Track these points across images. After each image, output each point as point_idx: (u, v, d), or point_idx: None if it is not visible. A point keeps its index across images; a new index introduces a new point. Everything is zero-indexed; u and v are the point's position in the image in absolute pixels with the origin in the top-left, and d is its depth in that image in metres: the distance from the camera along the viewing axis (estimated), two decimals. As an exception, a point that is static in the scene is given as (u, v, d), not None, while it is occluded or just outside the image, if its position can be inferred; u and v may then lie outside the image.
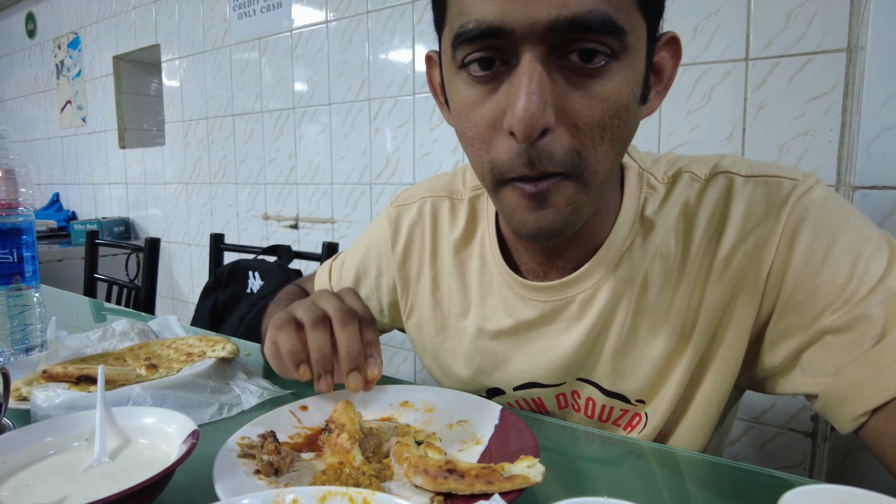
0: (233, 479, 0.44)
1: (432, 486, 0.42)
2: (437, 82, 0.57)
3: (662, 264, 0.56)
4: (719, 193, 0.54)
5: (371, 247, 0.77)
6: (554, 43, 0.43)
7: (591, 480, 0.50)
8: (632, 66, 0.45)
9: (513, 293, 0.62)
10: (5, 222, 0.72)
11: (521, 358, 0.63)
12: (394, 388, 0.63)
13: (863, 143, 0.73)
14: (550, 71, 0.44)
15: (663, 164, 0.58)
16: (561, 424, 0.62)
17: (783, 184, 0.52)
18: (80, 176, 3.25)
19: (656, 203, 0.56)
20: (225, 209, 2.38)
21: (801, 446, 1.13)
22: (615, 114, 0.45)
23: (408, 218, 0.72)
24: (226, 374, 0.69)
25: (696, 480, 0.51)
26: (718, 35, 1.15)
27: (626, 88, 0.45)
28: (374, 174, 1.85)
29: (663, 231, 0.55)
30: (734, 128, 1.16)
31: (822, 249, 0.49)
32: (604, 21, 0.42)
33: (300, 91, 2.02)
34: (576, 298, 0.58)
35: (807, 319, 0.50)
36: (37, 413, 0.56)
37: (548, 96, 0.43)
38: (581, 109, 0.44)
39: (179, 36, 2.45)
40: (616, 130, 0.46)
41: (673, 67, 0.50)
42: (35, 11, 3.35)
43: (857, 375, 0.47)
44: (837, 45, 1.03)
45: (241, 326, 1.40)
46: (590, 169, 0.47)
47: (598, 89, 0.44)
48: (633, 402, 0.60)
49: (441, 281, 0.69)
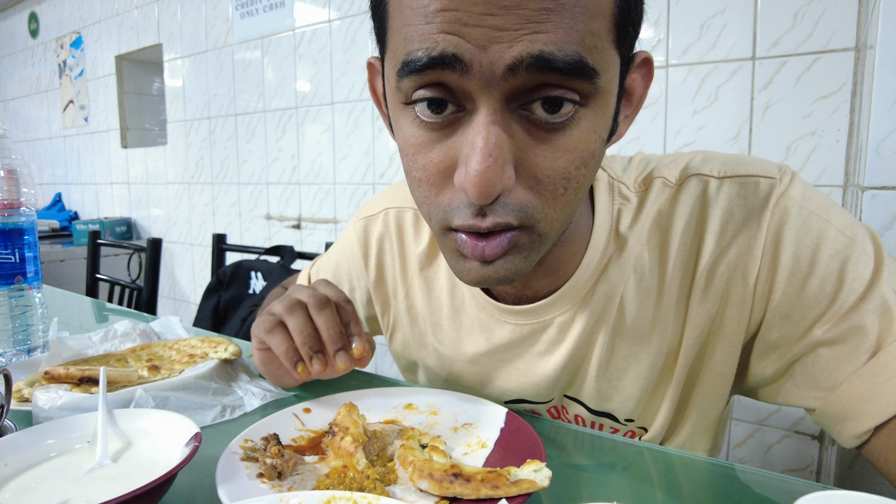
0: (236, 482, 0.43)
1: (437, 490, 0.42)
2: (380, 92, 0.50)
3: (638, 281, 0.53)
4: (693, 199, 0.51)
5: (341, 262, 0.73)
6: (516, 87, 0.37)
7: (598, 485, 0.50)
8: (601, 111, 0.40)
9: (487, 316, 0.59)
10: (7, 222, 0.71)
11: (504, 377, 0.61)
12: (397, 390, 0.62)
13: (872, 142, 0.72)
14: (510, 122, 0.39)
15: (633, 170, 0.54)
16: (567, 428, 0.61)
17: (760, 184, 0.49)
18: (82, 176, 3.25)
19: (630, 216, 0.53)
20: (227, 209, 2.38)
21: (807, 449, 1.12)
22: (581, 164, 0.40)
23: (375, 231, 0.68)
24: (228, 375, 0.69)
25: (704, 485, 0.50)
26: (725, 34, 1.14)
27: (593, 136, 0.40)
28: (377, 174, 1.85)
29: (637, 245, 0.52)
30: (740, 127, 1.15)
31: (807, 256, 0.47)
32: (574, 63, 0.36)
33: (303, 90, 2.02)
34: (553, 321, 0.56)
35: (797, 331, 0.48)
36: (38, 415, 0.56)
37: (507, 156, 0.38)
38: (542, 163, 0.40)
39: (182, 35, 2.45)
40: (581, 179, 0.41)
41: (644, 88, 0.46)
42: (38, 11, 3.36)
43: (855, 391, 0.45)
44: (845, 44, 1.02)
45: (243, 327, 1.40)
46: (547, 220, 0.42)
47: (563, 141, 0.39)
48: (622, 421, 0.58)
49: (413, 298, 0.67)
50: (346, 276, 0.74)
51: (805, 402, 0.49)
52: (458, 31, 0.36)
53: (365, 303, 0.73)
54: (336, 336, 0.53)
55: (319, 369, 0.53)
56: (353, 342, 0.54)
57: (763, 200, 0.48)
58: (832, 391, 0.47)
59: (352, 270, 0.72)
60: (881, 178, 0.73)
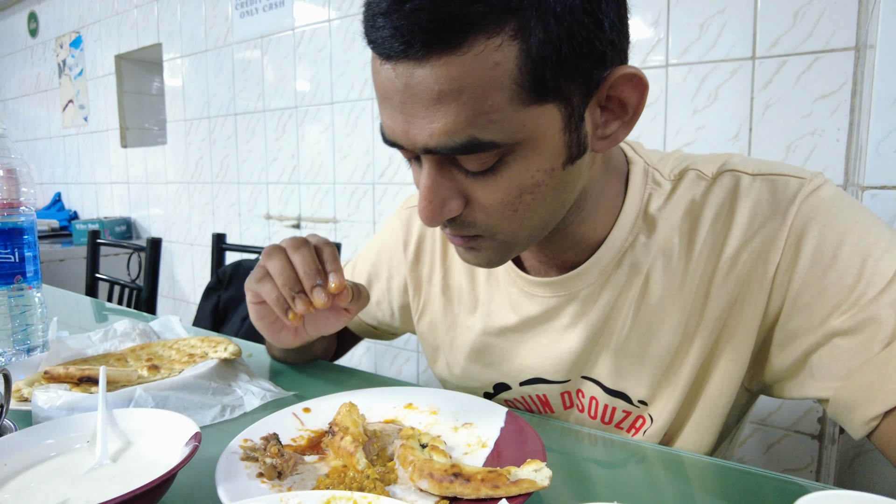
0: (235, 482, 0.43)
1: (438, 490, 0.42)
2: None
3: (665, 263, 0.55)
4: (726, 192, 0.54)
5: (382, 249, 0.77)
6: (437, 157, 0.46)
7: (598, 484, 0.50)
8: (534, 152, 0.45)
9: (518, 290, 0.63)
10: (7, 222, 0.71)
11: (526, 353, 0.63)
12: (397, 389, 0.62)
13: (872, 142, 0.72)
14: (451, 169, 0.47)
15: (670, 162, 0.58)
16: (567, 427, 0.61)
17: (790, 182, 0.51)
18: (81, 175, 3.25)
19: (661, 200, 0.56)
20: (227, 209, 2.38)
21: (807, 449, 1.12)
22: (521, 193, 0.47)
23: (418, 219, 0.72)
24: (228, 375, 0.69)
25: (703, 484, 0.50)
26: (725, 33, 1.14)
27: (527, 174, 0.46)
28: (376, 174, 1.85)
29: (667, 229, 0.55)
30: (740, 127, 1.15)
31: (830, 249, 0.48)
32: (467, 144, 0.43)
33: (302, 90, 2.02)
34: (579, 294, 0.59)
35: (815, 320, 0.49)
36: (38, 414, 0.56)
37: (445, 193, 0.47)
38: (483, 197, 0.47)
39: (181, 35, 2.44)
40: (529, 204, 0.48)
41: (639, 98, 0.47)
42: (37, 10, 3.35)
43: (867, 379, 0.46)
44: (845, 43, 1.02)
45: (243, 327, 1.40)
46: (506, 232, 0.50)
47: (496, 182, 0.46)
48: (635, 402, 0.59)
49: (451, 279, 0.70)
50: (385, 265, 0.77)
51: (820, 392, 0.50)
52: (390, 115, 0.46)
53: (401, 290, 0.76)
54: (312, 272, 0.54)
55: (303, 308, 0.53)
56: (330, 278, 0.54)
57: (791, 196, 0.51)
58: (845, 380, 0.47)
59: (392, 258, 0.76)
60: (881, 177, 0.73)
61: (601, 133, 0.48)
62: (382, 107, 0.46)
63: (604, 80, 0.45)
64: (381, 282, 0.77)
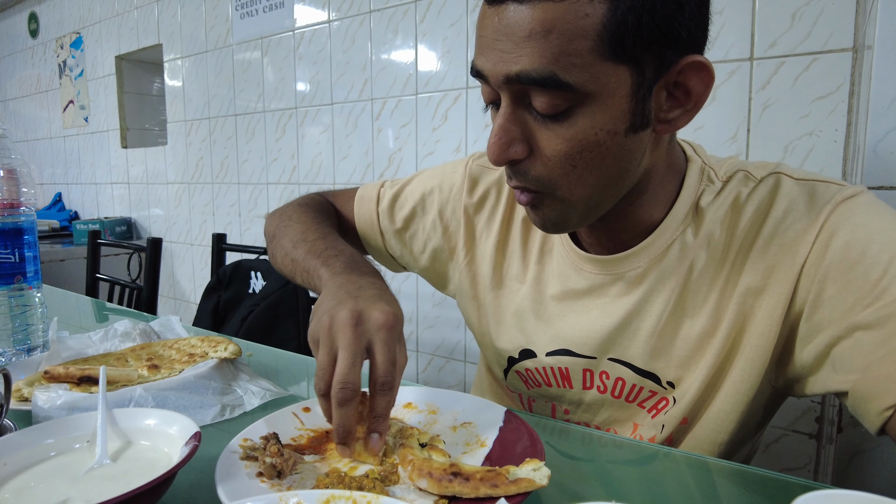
0: (235, 481, 0.44)
1: (437, 489, 0.42)
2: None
3: (709, 252, 0.58)
4: (768, 190, 0.57)
5: (442, 186, 0.78)
6: (516, 92, 0.50)
7: (597, 484, 0.50)
8: (601, 109, 0.49)
9: (569, 263, 0.66)
10: (7, 222, 0.71)
11: (561, 325, 0.65)
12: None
13: (870, 142, 0.72)
14: (523, 112, 0.51)
15: (726, 165, 0.61)
16: (567, 427, 0.62)
17: (830, 187, 0.54)
18: (82, 176, 3.25)
19: (711, 196, 0.59)
20: (227, 209, 2.38)
21: (805, 448, 1.12)
22: (582, 150, 0.50)
23: (488, 179, 0.75)
24: (228, 374, 0.69)
25: (702, 483, 0.50)
26: (723, 34, 1.14)
27: (591, 130, 0.49)
28: (376, 174, 1.85)
29: (713, 222, 0.58)
30: (739, 127, 1.15)
31: (859, 247, 0.50)
32: (547, 78, 0.47)
33: (302, 91, 2.02)
34: (625, 275, 0.61)
35: (838, 313, 0.50)
36: (38, 414, 0.56)
37: (514, 135, 0.51)
38: (547, 145, 0.51)
39: (182, 36, 2.45)
40: (588, 161, 0.51)
41: (704, 87, 0.51)
42: (38, 11, 3.36)
43: (885, 371, 0.47)
44: (843, 44, 1.02)
45: (243, 327, 1.40)
46: (563, 189, 0.53)
47: (562, 131, 0.50)
48: (663, 384, 0.61)
49: (509, 243, 0.72)
50: (437, 201, 0.77)
51: (840, 385, 0.50)
52: (482, 52, 0.51)
53: (443, 231, 0.77)
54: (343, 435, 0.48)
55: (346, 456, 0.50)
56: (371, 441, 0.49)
57: (828, 198, 0.53)
58: (864, 372, 0.48)
59: (451, 198, 0.77)
60: (878, 177, 0.73)
61: (664, 116, 0.52)
62: (478, 45, 0.51)
63: (675, 64, 0.49)
64: (428, 217, 0.78)
